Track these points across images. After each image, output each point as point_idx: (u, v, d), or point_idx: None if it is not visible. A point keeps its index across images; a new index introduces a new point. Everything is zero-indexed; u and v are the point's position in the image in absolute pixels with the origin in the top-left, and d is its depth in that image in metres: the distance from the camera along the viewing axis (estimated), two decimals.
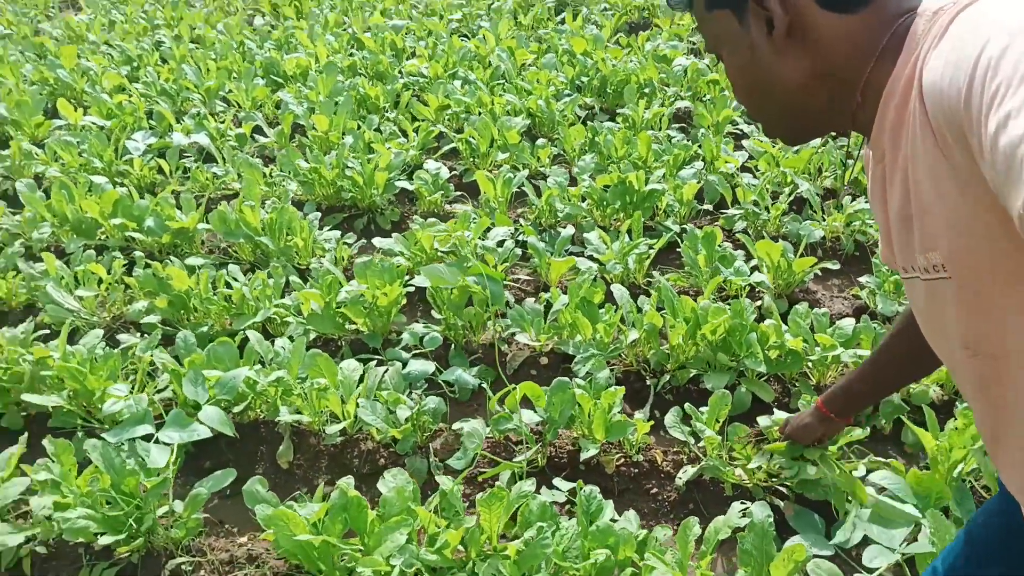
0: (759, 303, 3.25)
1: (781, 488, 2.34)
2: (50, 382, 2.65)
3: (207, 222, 3.55)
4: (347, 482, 2.14)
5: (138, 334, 3.12)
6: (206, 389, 2.39)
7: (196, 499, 2.19)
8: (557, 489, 2.22)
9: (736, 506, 1.96)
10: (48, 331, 3.03)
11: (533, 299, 3.05)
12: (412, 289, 3.10)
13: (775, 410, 2.49)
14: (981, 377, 0.97)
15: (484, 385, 2.69)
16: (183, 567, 2.15)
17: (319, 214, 3.61)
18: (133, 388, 2.52)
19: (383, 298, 2.87)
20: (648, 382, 2.77)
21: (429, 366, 2.69)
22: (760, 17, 0.94)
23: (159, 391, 2.72)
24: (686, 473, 2.38)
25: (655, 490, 2.41)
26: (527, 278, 3.43)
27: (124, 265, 3.23)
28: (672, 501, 2.39)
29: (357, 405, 2.45)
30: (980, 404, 1.02)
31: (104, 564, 2.18)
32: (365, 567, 1.87)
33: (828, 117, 1.02)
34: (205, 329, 3.04)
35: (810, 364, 2.74)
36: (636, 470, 2.44)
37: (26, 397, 2.48)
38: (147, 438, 2.20)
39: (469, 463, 2.29)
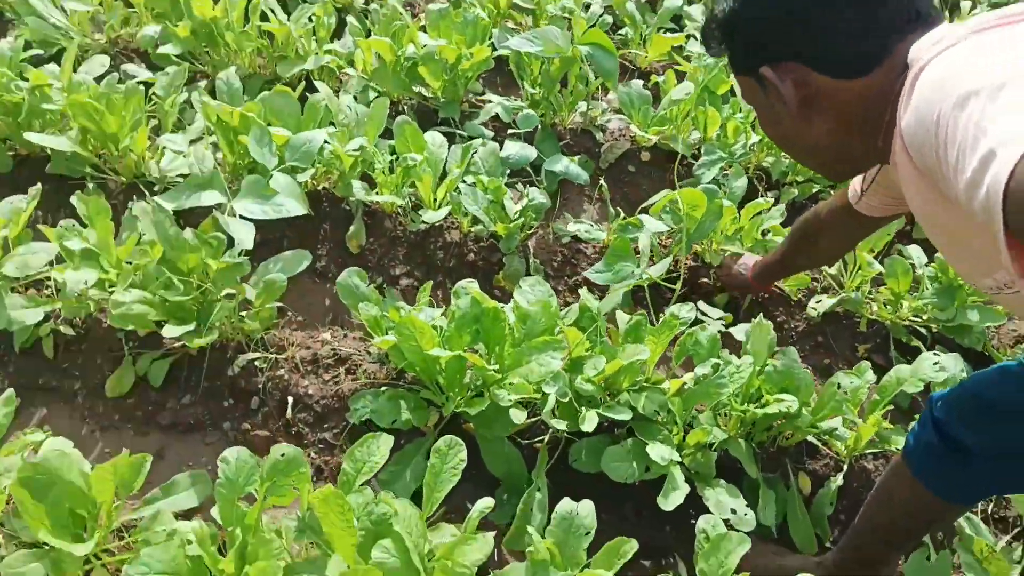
0: None
1: (922, 329, 2.12)
2: (51, 118, 2.09)
3: None
4: (470, 285, 1.77)
5: (143, 65, 2.52)
6: (275, 152, 1.90)
7: (273, 286, 1.79)
8: (707, 316, 1.91)
9: (929, 356, 1.71)
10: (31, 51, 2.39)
11: (637, 81, 2.57)
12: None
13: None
14: None
15: (604, 184, 2.28)
16: (256, 364, 1.80)
17: None
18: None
19: (467, 60, 2.34)
20: (768, 196, 2.42)
21: (530, 150, 2.24)
22: (776, 89, 0.98)
23: (193, 143, 2.20)
24: (821, 304, 2.12)
25: (782, 318, 2.15)
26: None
27: None
28: (800, 331, 2.14)
29: (457, 190, 2.03)
30: None
31: (154, 354, 1.80)
32: (509, 392, 1.56)
33: (861, 161, 1.06)
34: (233, 70, 2.46)
35: None
36: (764, 295, 2.16)
37: (29, 136, 1.94)
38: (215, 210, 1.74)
39: (621, 280, 1.92)
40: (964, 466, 1.19)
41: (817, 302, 2.13)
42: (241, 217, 1.72)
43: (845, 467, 1.76)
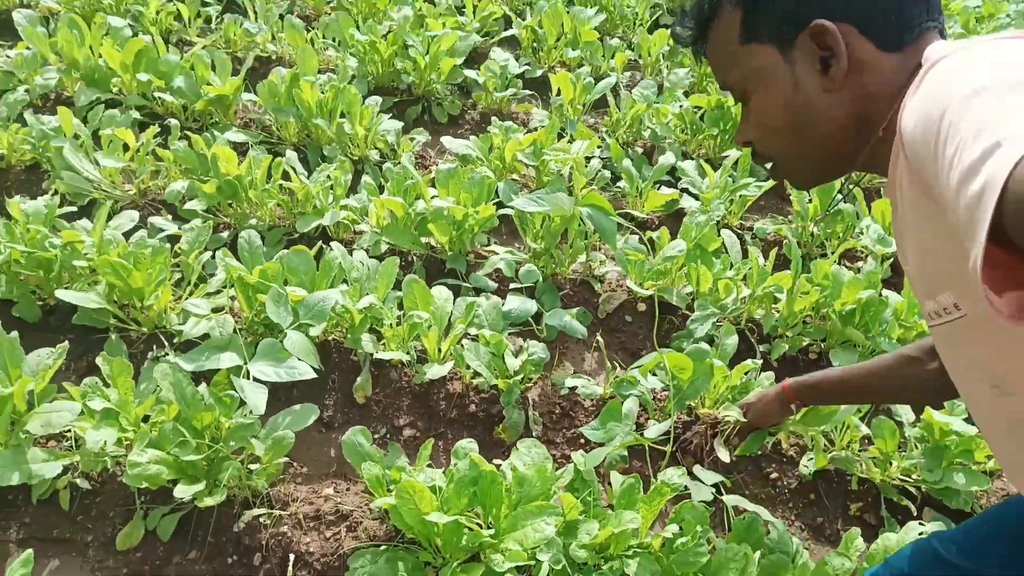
0: (859, 264, 3.01)
1: (912, 489, 2.16)
2: (80, 272, 2.23)
3: (248, 91, 3.05)
4: (470, 446, 1.85)
5: (169, 217, 2.69)
6: (290, 311, 2.02)
7: (281, 442, 1.87)
8: (700, 482, 1.96)
9: (914, 525, 1.75)
10: (65, 204, 2.57)
11: (633, 237, 2.72)
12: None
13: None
14: (1011, 415, 0.95)
15: (600, 339, 2.39)
16: (261, 520, 1.85)
17: (379, 98, 3.13)
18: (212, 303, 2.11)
19: (473, 219, 2.50)
20: (759, 348, 2.51)
21: (530, 304, 2.36)
22: (811, 54, 0.95)
23: (209, 295, 2.33)
24: (813, 462, 2.17)
25: (775, 475, 2.20)
26: None
27: (156, 134, 2.73)
28: (792, 489, 2.19)
29: (461, 346, 2.13)
30: (1011, 445, 1.00)
31: (163, 509, 1.86)
32: (504, 558, 1.61)
33: (852, 157, 1.01)
34: (254, 222, 2.63)
35: None
36: (758, 452, 2.22)
37: (60, 294, 2.06)
38: (235, 371, 1.84)
39: (611, 439, 1.99)
40: None
41: (809, 459, 2.18)
42: (255, 379, 1.82)
43: None
